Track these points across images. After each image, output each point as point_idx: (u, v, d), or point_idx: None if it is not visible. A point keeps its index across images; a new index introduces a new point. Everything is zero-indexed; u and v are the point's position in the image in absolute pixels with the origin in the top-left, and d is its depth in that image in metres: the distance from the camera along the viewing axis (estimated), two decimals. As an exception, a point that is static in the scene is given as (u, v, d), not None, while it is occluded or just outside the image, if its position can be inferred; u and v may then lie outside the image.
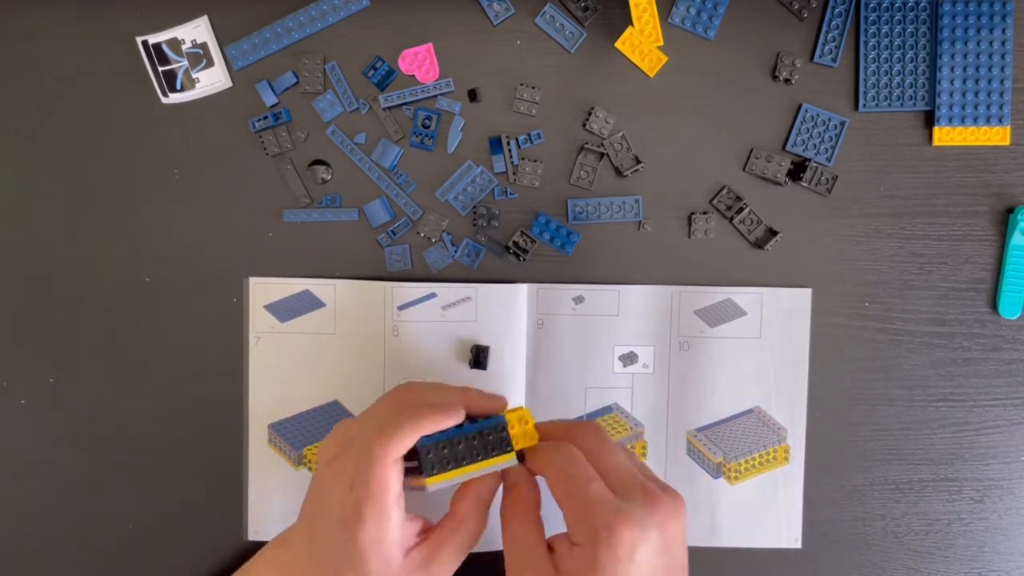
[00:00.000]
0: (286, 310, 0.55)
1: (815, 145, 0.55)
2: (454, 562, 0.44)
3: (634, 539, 0.38)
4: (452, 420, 0.43)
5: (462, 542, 0.44)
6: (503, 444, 0.43)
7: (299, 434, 0.55)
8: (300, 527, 0.45)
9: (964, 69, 0.55)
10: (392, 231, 0.55)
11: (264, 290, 0.55)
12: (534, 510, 0.43)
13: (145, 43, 0.54)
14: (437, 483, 0.42)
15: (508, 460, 0.43)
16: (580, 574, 0.38)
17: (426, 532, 0.44)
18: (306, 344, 0.55)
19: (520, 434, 0.43)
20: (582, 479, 0.40)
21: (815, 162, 0.55)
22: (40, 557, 0.56)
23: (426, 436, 0.42)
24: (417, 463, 0.42)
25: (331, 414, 0.55)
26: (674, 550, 0.40)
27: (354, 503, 0.41)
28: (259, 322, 0.55)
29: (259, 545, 0.49)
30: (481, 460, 0.43)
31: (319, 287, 0.55)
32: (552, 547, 0.41)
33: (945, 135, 0.55)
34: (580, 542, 0.39)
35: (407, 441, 0.41)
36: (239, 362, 0.55)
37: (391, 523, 0.41)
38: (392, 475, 0.41)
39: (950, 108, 0.55)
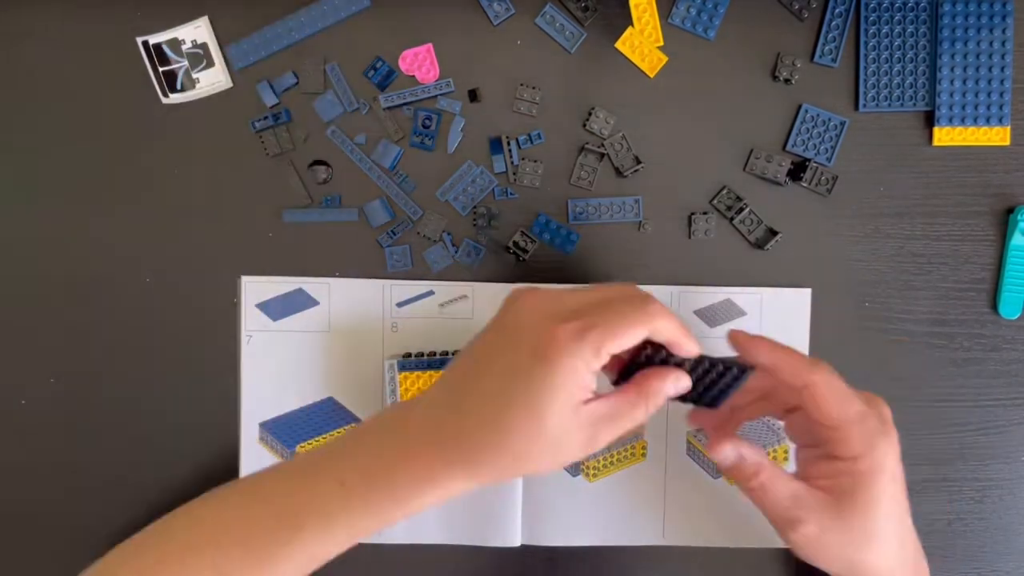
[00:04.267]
0: (277, 308, 0.55)
1: (815, 145, 0.55)
2: (621, 429, 0.40)
3: (896, 447, 0.44)
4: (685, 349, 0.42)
5: (636, 415, 0.41)
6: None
7: (290, 432, 0.55)
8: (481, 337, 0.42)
9: (964, 69, 0.55)
10: (392, 231, 0.55)
11: (256, 288, 0.55)
12: (771, 460, 0.44)
13: (145, 43, 0.54)
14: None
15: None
16: (861, 475, 0.42)
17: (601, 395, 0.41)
18: (298, 342, 0.55)
19: None
20: (849, 394, 0.43)
21: (815, 162, 0.55)
22: (39, 557, 0.56)
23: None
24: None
25: (325, 411, 0.55)
26: None
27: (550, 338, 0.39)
28: (251, 320, 0.55)
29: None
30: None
31: (312, 285, 0.55)
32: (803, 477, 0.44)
33: (945, 135, 0.55)
34: (851, 453, 0.42)
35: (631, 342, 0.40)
36: (234, 361, 0.55)
37: (586, 362, 0.39)
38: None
39: (950, 108, 0.55)
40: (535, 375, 0.38)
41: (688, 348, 0.41)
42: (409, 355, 0.55)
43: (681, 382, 0.42)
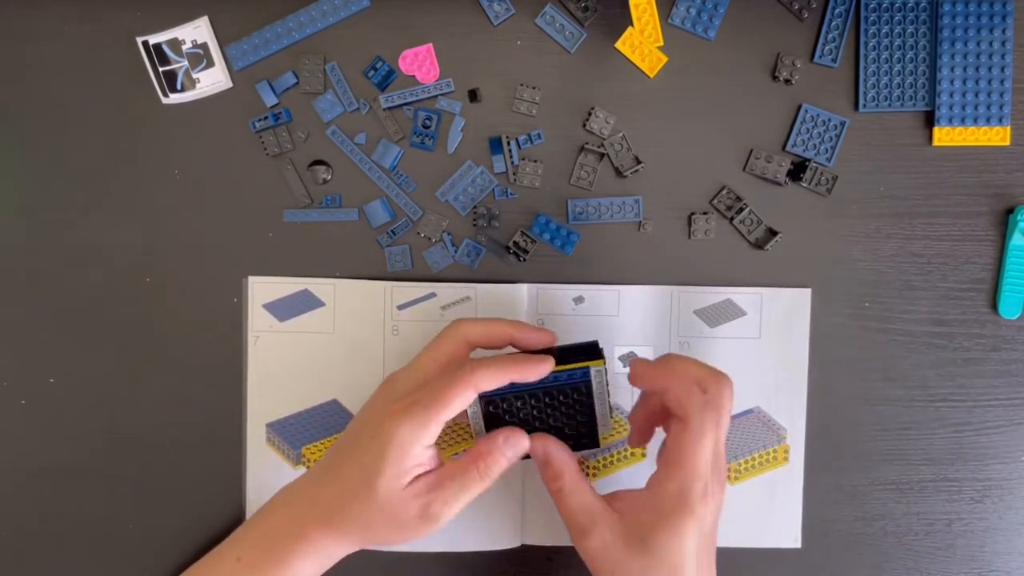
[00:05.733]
0: (285, 309, 0.55)
1: (815, 145, 0.55)
2: (456, 500, 0.44)
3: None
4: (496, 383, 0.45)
5: (470, 484, 0.44)
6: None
7: (297, 433, 0.55)
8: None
9: (964, 69, 0.55)
10: (392, 231, 0.55)
11: (263, 289, 0.55)
12: (578, 470, 0.46)
13: (145, 43, 0.54)
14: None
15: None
16: (699, 428, 0.43)
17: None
18: (305, 343, 0.55)
19: None
20: (682, 360, 0.47)
21: (815, 162, 0.55)
22: (40, 557, 0.56)
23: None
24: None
25: (330, 413, 0.55)
26: None
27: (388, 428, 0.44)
28: (258, 321, 0.55)
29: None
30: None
31: (318, 286, 0.55)
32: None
33: (945, 135, 0.55)
34: (691, 407, 0.44)
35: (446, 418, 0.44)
36: (239, 362, 0.55)
37: (413, 436, 0.43)
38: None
39: (950, 108, 0.55)
40: (371, 452, 0.44)
41: (526, 375, 0.45)
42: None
43: (513, 439, 0.46)
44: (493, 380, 0.44)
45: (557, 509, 0.46)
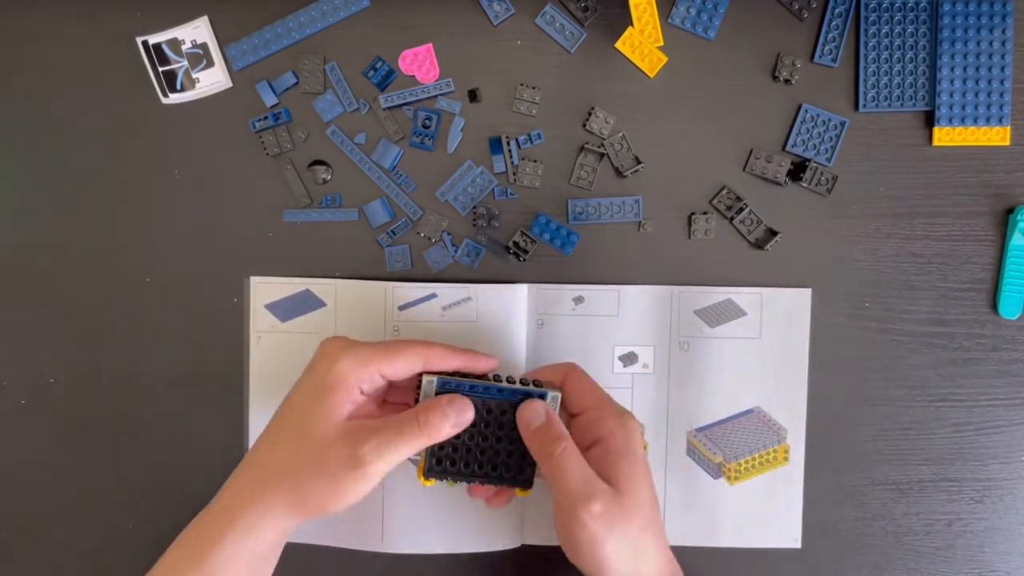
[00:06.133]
0: (287, 309, 0.55)
1: (815, 145, 0.55)
2: (389, 448, 0.42)
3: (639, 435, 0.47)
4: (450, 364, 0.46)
5: (405, 431, 0.42)
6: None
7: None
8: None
9: (964, 69, 0.55)
10: (392, 231, 0.55)
11: (265, 289, 0.55)
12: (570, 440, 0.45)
13: (145, 43, 0.54)
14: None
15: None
16: (620, 451, 0.44)
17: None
18: (307, 343, 0.55)
19: None
20: (594, 384, 0.48)
21: (815, 162, 0.55)
22: (40, 557, 0.56)
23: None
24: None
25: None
26: None
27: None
28: (260, 321, 0.55)
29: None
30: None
31: (320, 287, 0.55)
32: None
33: (945, 135, 0.55)
34: (609, 430, 0.45)
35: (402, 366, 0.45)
36: (239, 362, 0.55)
37: (352, 371, 0.43)
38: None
39: (950, 108, 0.55)
40: (307, 387, 0.44)
41: (474, 364, 0.46)
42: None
43: (458, 402, 0.44)
44: (444, 358, 0.45)
45: (555, 481, 0.44)
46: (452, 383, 0.45)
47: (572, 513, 0.43)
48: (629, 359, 0.55)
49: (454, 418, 0.44)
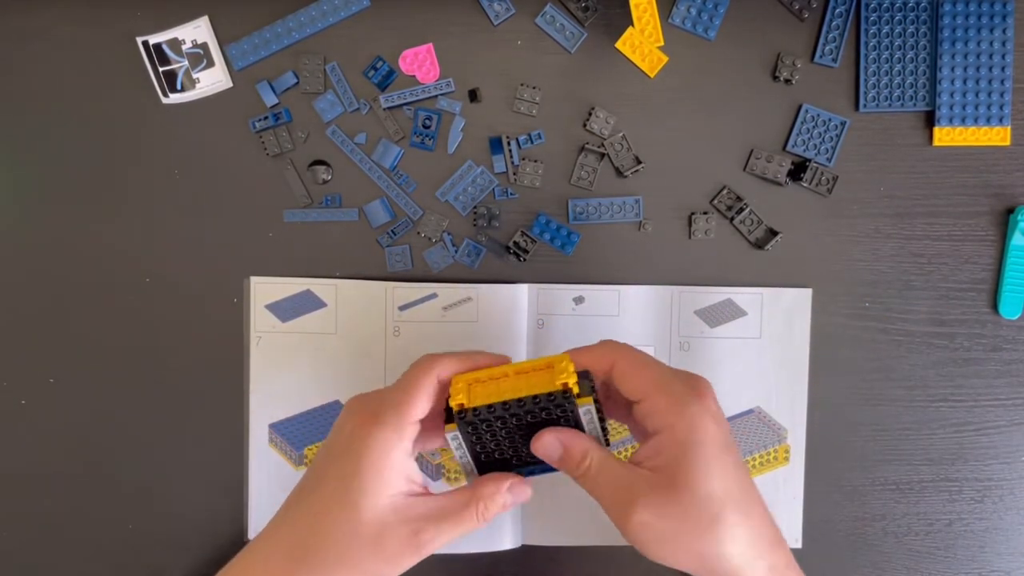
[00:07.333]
0: (287, 310, 0.55)
1: (815, 145, 0.55)
2: (448, 533, 0.40)
3: (713, 397, 0.41)
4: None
5: (465, 522, 0.41)
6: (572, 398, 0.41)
7: (300, 434, 0.55)
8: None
9: (964, 69, 0.55)
10: (392, 231, 0.55)
11: (265, 290, 0.55)
12: (599, 445, 0.42)
13: (145, 43, 0.54)
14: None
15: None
16: (681, 443, 0.39)
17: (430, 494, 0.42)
18: (307, 344, 0.55)
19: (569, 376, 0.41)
20: (649, 362, 0.42)
21: (815, 162, 0.55)
22: (40, 557, 0.56)
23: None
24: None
25: (332, 414, 0.55)
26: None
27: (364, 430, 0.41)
28: (260, 322, 0.55)
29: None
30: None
31: (320, 287, 0.55)
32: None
33: (945, 135, 0.55)
34: (669, 424, 0.39)
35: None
36: (240, 362, 0.55)
37: (393, 441, 0.40)
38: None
39: (950, 108, 0.55)
40: (347, 466, 0.40)
41: (483, 364, 0.43)
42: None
43: (518, 488, 0.42)
44: (451, 365, 0.42)
45: (593, 496, 0.41)
46: (481, 427, 0.41)
47: (623, 530, 0.40)
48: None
49: (511, 501, 0.42)
